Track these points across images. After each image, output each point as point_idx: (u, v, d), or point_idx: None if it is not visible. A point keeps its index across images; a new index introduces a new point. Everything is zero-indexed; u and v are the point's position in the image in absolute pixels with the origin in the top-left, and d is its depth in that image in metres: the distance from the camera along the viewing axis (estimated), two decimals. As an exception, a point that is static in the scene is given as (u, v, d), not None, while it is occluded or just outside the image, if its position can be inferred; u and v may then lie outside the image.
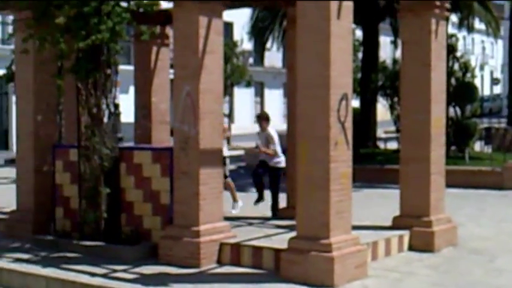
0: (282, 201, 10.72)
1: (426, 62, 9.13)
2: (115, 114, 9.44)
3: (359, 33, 23.33)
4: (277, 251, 7.79)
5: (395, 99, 19.10)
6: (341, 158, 7.49)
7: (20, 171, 10.31)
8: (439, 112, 9.34)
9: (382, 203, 12.34)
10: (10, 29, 28.62)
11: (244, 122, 40.97)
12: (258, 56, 37.89)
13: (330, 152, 7.35)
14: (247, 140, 30.28)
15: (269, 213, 10.73)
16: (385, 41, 29.55)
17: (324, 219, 7.32)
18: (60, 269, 7.86)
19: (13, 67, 23.42)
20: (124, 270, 7.82)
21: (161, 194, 8.79)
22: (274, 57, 38.30)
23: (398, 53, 27.84)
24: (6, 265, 8.10)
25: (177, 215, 8.34)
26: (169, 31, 12.03)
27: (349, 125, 7.58)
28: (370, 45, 21.60)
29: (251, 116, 43.18)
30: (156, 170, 8.89)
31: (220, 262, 8.15)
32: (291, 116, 10.36)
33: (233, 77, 28.47)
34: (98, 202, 9.06)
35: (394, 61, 20.30)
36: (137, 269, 7.86)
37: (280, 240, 8.18)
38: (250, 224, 9.74)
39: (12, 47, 24.41)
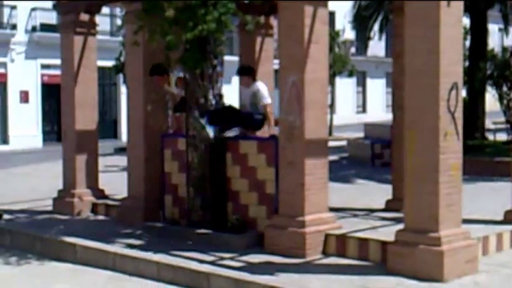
0: (388, 193, 10.56)
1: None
2: (221, 104, 9.59)
3: (466, 21, 22.57)
4: (383, 244, 7.68)
5: (505, 88, 18.39)
6: (451, 149, 7.30)
7: (131, 159, 10.65)
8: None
9: (493, 196, 11.92)
10: (118, 21, 29.72)
11: (346, 112, 40.68)
12: (361, 45, 37.48)
13: (439, 143, 7.17)
14: (349, 130, 30.09)
15: (375, 205, 10.56)
16: (493, 28, 28.55)
17: (433, 211, 7.16)
18: (170, 255, 8.08)
19: (121, 58, 24.40)
20: (231, 258, 7.95)
21: (266, 183, 8.86)
22: (376, 46, 37.76)
23: (507, 41, 26.73)
24: (119, 250, 8.40)
25: (282, 204, 8.38)
26: (273, 21, 12.08)
27: (459, 115, 7.37)
28: (478, 32, 20.87)
29: (353, 106, 42.85)
30: (262, 160, 8.96)
31: (325, 253, 8.14)
32: (396, 106, 10.17)
33: (335, 67, 28.32)
34: (205, 191, 9.24)
35: (504, 49, 19.54)
36: (244, 257, 7.96)
37: (387, 232, 8.07)
38: (355, 216, 9.66)
39: (120, 39, 25.46)
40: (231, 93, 13.40)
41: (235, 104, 11.23)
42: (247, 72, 10.07)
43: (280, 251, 8.10)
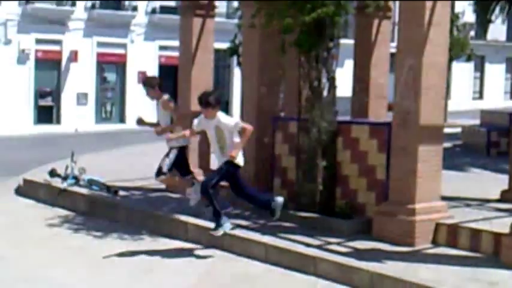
0: (503, 183, 10.13)
1: None
2: (333, 87, 9.51)
3: None
4: (497, 235, 7.41)
5: None
6: None
7: (244, 141, 10.74)
8: None
9: None
10: (235, 3, 30.05)
11: (461, 98, 39.37)
12: (480, 28, 36.06)
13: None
14: (464, 117, 29.10)
15: (489, 196, 10.18)
16: None
17: (552, 205, 6.83)
18: (277, 237, 8.14)
19: (236, 41, 24.66)
20: (338, 243, 7.90)
21: (377, 169, 8.73)
22: (497, 29, 36.19)
23: None
24: (229, 231, 8.51)
25: (392, 191, 8.23)
26: (391, 3, 11.83)
27: None
28: None
29: (469, 92, 41.38)
30: (373, 145, 8.83)
31: (435, 242, 7.94)
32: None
33: (454, 51, 27.38)
34: (314, 174, 9.21)
35: None
36: (351, 243, 7.90)
37: (501, 224, 7.78)
38: (468, 206, 9.35)
39: (236, 21, 25.72)
40: (343, 77, 13.28)
41: (345, 87, 11.13)
42: (210, 104, 8.13)
43: (388, 239, 7.97)
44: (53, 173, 12.16)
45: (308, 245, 7.79)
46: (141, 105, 31.04)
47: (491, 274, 6.77)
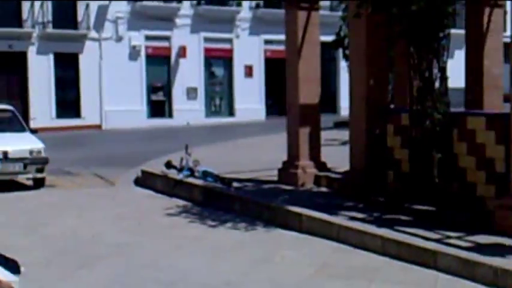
0: None
1: None
2: (444, 78, 9.32)
3: None
4: None
5: None
6: None
7: (353, 133, 10.74)
8: None
9: None
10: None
11: None
12: None
13: None
14: None
15: None
16: None
17: None
18: (393, 230, 8.07)
19: (341, 33, 24.54)
20: (458, 237, 7.73)
21: (496, 161, 8.49)
22: None
23: None
24: (344, 222, 8.55)
25: (513, 184, 7.99)
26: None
27: None
28: None
29: None
30: (491, 137, 8.60)
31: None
32: None
33: None
34: (429, 167, 9.07)
35: None
36: (471, 237, 7.72)
37: None
38: None
39: (339, 13, 25.61)
40: (454, 68, 12.97)
41: (456, 78, 10.86)
42: None
43: (511, 233, 7.74)
44: (169, 165, 12.60)
45: (426, 238, 7.67)
46: (248, 98, 31.79)
47: None
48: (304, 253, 8.02)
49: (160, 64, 30.78)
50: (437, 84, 9.23)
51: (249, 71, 32.28)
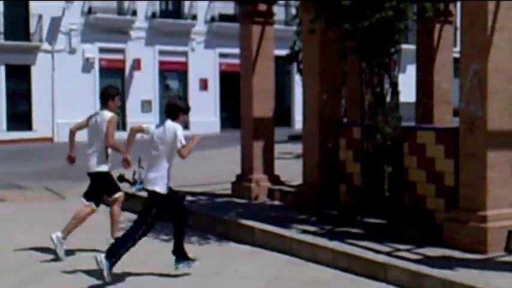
0: None
1: None
2: (396, 93, 9.46)
3: None
4: None
5: None
6: None
7: (306, 147, 10.81)
8: None
9: None
10: (293, 10, 30.14)
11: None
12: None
13: None
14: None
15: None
16: None
17: None
18: (345, 243, 8.13)
19: (295, 47, 24.74)
20: (407, 250, 7.84)
21: (445, 175, 8.63)
22: None
23: None
24: (296, 235, 8.59)
25: (462, 198, 8.12)
26: (453, 8, 11.69)
27: None
28: None
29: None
30: (440, 151, 8.74)
31: (508, 250, 7.77)
32: None
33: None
34: (380, 180, 9.18)
35: None
36: (420, 250, 7.83)
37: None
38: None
39: (294, 28, 25.84)
40: (405, 83, 13.19)
41: (408, 93, 11.05)
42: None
43: (459, 246, 7.86)
44: (121, 179, 12.43)
45: (377, 251, 7.76)
46: (203, 111, 31.75)
47: None
48: (256, 266, 8.01)
49: (114, 76, 30.56)
50: (388, 98, 9.35)
51: (204, 84, 32.29)
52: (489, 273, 6.95)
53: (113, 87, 9.20)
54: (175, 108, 7.66)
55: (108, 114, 8.76)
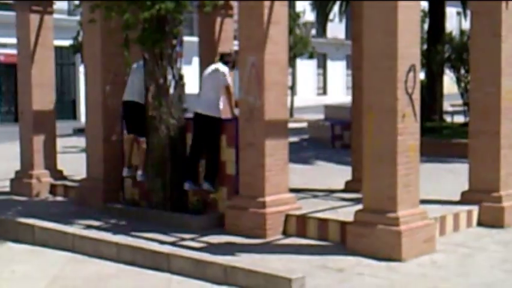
0: (347, 174, 10.66)
1: (497, 33, 8.85)
2: (181, 85, 9.53)
3: (424, 4, 22.80)
4: (343, 224, 7.77)
5: (463, 71, 18.62)
6: (408, 130, 7.39)
7: (90, 140, 10.52)
8: (510, 85, 9.07)
9: (449, 177, 12.15)
10: (76, 1, 29.19)
11: (306, 94, 40.80)
12: (321, 27, 37.55)
13: (397, 124, 7.25)
14: (309, 112, 30.21)
15: (334, 186, 10.66)
16: (451, 12, 28.82)
17: (390, 192, 7.26)
18: (130, 236, 8.04)
19: (79, 38, 23.99)
20: (192, 239, 7.95)
21: (227, 164, 8.86)
22: (337, 28, 37.88)
23: (465, 24, 27.00)
24: (78, 231, 8.32)
25: (242, 185, 8.40)
26: (233, 2, 12.01)
27: (416, 96, 7.46)
28: (436, 15, 21.09)
29: (313, 88, 42.99)
30: (222, 141, 8.95)
31: (285, 233, 8.19)
32: (356, 87, 10.24)
33: (296, 49, 28.29)
34: (165, 171, 9.20)
35: (462, 32, 19.76)
36: (204, 238, 7.97)
37: (346, 212, 8.16)
38: (315, 197, 9.73)
39: (77, 18, 25.03)
40: (191, 74, 13.33)
41: (194, 84, 11.17)
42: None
43: (240, 232, 8.13)
44: None
45: (162, 242, 7.76)
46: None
47: (339, 261, 7.07)
48: (35, 266, 7.63)
49: None
50: (172, 90, 9.37)
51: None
52: (268, 256, 7.25)
53: None
54: None
55: None
